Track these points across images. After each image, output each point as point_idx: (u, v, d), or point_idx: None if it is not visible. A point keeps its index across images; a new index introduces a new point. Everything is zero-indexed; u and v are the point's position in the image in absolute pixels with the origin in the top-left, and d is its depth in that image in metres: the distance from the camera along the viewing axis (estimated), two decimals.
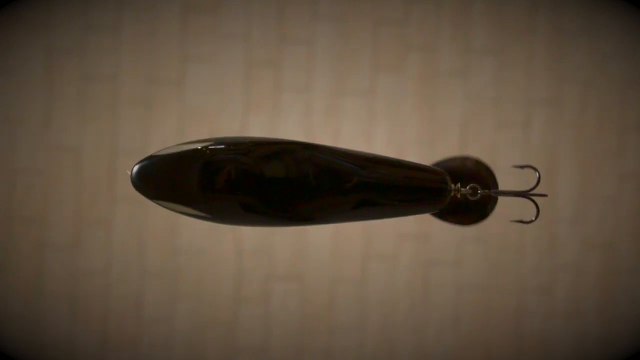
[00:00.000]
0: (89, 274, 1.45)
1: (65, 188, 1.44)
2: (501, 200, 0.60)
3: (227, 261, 1.48)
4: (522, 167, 0.60)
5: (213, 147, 0.53)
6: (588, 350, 1.60)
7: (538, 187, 0.57)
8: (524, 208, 0.61)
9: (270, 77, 1.49)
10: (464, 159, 0.62)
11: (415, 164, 0.57)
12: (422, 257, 1.54)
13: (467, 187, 0.57)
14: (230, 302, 1.49)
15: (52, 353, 1.44)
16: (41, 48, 1.43)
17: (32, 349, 1.43)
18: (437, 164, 0.60)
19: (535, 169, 0.58)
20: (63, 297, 1.44)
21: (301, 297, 1.51)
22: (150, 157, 0.55)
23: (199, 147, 0.54)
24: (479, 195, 0.57)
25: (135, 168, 0.56)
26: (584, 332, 1.60)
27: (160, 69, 1.46)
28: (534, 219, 0.57)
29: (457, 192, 0.57)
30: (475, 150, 1.55)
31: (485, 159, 1.56)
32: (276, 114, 1.49)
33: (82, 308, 1.44)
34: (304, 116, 1.50)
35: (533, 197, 0.56)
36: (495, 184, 0.62)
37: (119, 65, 1.45)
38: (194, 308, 1.48)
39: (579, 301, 1.60)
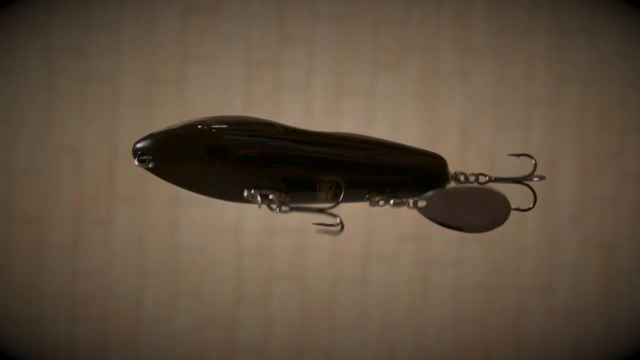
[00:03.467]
0: (89, 273, 1.45)
1: (65, 188, 1.44)
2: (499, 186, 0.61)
3: (227, 261, 1.48)
4: (517, 155, 0.61)
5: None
6: (588, 350, 1.60)
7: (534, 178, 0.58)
8: (524, 198, 0.61)
9: (270, 77, 1.49)
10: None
11: (413, 147, 0.58)
12: (422, 257, 1.54)
13: (468, 174, 0.58)
14: (230, 302, 1.49)
15: (52, 353, 1.44)
16: (41, 48, 1.43)
17: (32, 349, 1.43)
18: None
19: (531, 157, 0.58)
20: (63, 297, 1.44)
21: (301, 297, 1.51)
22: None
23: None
24: (476, 181, 0.58)
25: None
26: (584, 332, 1.60)
27: (160, 69, 1.46)
28: (531, 206, 0.57)
29: (454, 178, 0.58)
30: (475, 150, 1.55)
31: (486, 159, 1.57)
32: (276, 114, 1.49)
33: (82, 308, 1.44)
34: (304, 116, 1.50)
35: (530, 184, 0.57)
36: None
37: (119, 65, 1.45)
38: (194, 308, 1.48)
39: (579, 301, 1.60)
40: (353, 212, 1.54)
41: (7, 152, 1.43)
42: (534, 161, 0.57)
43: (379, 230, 1.53)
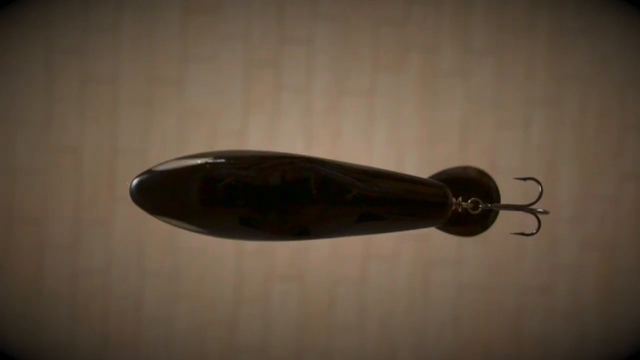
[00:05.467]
0: (89, 273, 1.45)
1: (65, 188, 1.44)
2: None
3: (227, 261, 1.48)
4: (524, 179, 0.59)
5: (213, 161, 0.54)
6: (588, 350, 1.60)
7: (540, 200, 0.57)
8: (524, 218, 0.60)
9: (270, 77, 1.49)
10: (465, 168, 0.61)
11: (416, 177, 0.56)
12: (422, 257, 1.54)
13: (469, 201, 0.57)
14: (230, 302, 1.49)
15: (52, 353, 1.44)
16: (41, 48, 1.43)
17: (32, 349, 1.43)
18: (439, 174, 0.60)
19: (537, 182, 0.57)
20: (63, 297, 1.44)
21: (301, 297, 1.51)
22: (150, 172, 0.56)
23: (199, 162, 0.54)
24: (480, 209, 0.57)
25: (135, 182, 0.56)
26: (584, 332, 1.60)
27: (160, 69, 1.46)
28: (535, 231, 0.57)
29: (457, 205, 0.56)
30: (475, 151, 1.55)
31: (486, 159, 1.57)
32: (276, 114, 1.49)
33: (82, 308, 1.44)
34: (304, 116, 1.50)
35: (535, 211, 0.56)
36: (497, 194, 0.61)
37: (119, 65, 1.45)
38: (194, 308, 1.48)
39: (579, 301, 1.60)
40: None
41: (7, 152, 1.43)
42: (540, 188, 0.56)
43: None
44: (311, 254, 1.51)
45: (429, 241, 1.54)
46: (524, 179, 0.59)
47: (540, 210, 0.57)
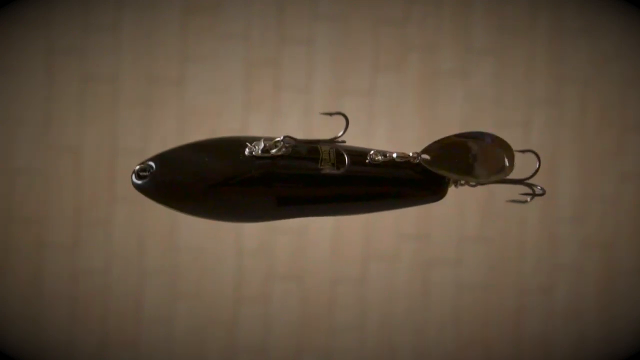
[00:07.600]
0: (89, 273, 1.45)
1: (65, 188, 1.44)
2: (499, 186, 0.61)
3: (227, 261, 1.48)
4: (522, 151, 0.61)
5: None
6: (588, 350, 1.60)
7: (538, 174, 0.58)
8: (522, 191, 0.61)
9: (270, 76, 1.49)
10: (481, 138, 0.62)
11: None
12: (422, 257, 1.54)
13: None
14: (230, 302, 1.49)
15: (52, 353, 1.44)
16: (41, 48, 1.43)
17: (32, 349, 1.43)
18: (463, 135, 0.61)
19: (536, 154, 0.58)
20: (63, 297, 1.44)
21: (301, 297, 1.51)
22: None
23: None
24: (476, 184, 0.58)
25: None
26: (584, 332, 1.60)
27: (160, 68, 1.46)
28: (529, 199, 0.58)
29: (455, 182, 0.58)
30: None
31: None
32: (276, 113, 1.49)
33: (82, 308, 1.44)
34: (304, 116, 1.50)
35: (532, 184, 0.57)
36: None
37: (119, 65, 1.45)
38: (194, 308, 1.48)
39: (579, 301, 1.60)
40: None
41: (7, 152, 1.43)
42: (537, 162, 0.57)
43: (379, 230, 1.53)
44: (311, 253, 1.51)
45: (429, 241, 1.54)
46: (523, 152, 0.61)
47: (537, 189, 0.58)
